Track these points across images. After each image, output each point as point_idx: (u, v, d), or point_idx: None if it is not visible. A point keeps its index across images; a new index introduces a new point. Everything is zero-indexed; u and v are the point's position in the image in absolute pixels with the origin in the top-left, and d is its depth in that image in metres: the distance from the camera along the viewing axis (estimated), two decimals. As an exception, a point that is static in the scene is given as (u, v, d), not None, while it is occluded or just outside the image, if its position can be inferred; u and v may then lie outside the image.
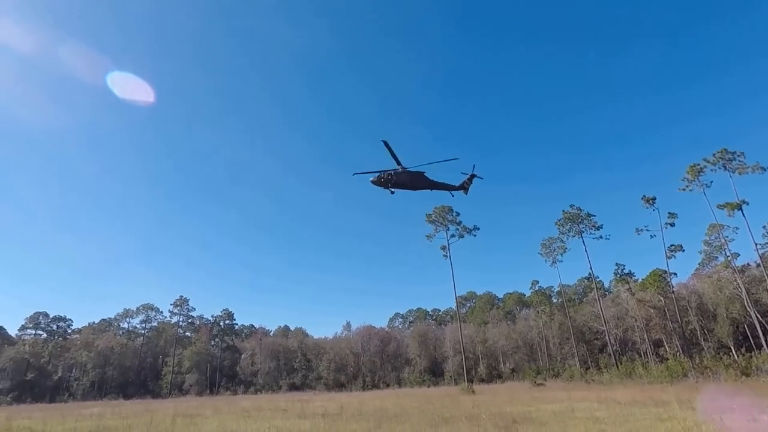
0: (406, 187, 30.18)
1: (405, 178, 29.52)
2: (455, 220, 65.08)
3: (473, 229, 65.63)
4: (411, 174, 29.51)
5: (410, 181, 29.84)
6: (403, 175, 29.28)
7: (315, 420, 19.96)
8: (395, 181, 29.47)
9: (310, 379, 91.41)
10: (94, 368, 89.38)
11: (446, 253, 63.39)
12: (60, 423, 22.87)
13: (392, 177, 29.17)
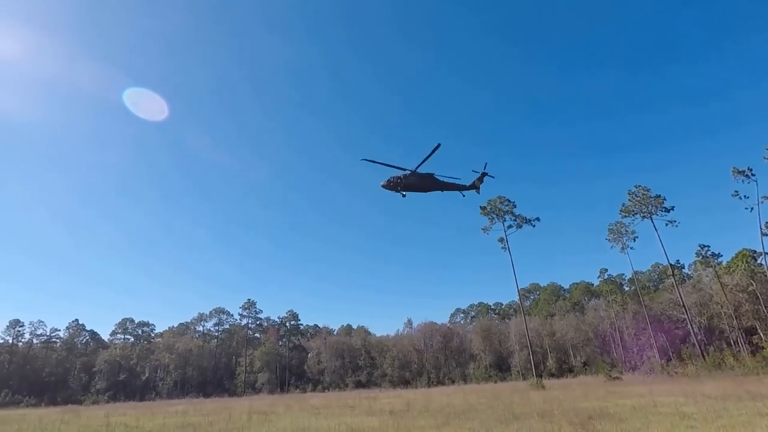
0: (417, 189, 30.03)
1: (414, 181, 29.35)
2: (511, 211, 62.22)
3: (532, 220, 62.51)
4: (420, 176, 29.30)
5: (420, 184, 29.66)
6: (412, 177, 29.12)
7: (383, 417, 20.12)
8: (405, 184, 29.31)
9: (375, 376, 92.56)
10: (176, 369, 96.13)
11: (504, 245, 61.17)
12: (150, 420, 24.74)
13: (401, 180, 29.08)
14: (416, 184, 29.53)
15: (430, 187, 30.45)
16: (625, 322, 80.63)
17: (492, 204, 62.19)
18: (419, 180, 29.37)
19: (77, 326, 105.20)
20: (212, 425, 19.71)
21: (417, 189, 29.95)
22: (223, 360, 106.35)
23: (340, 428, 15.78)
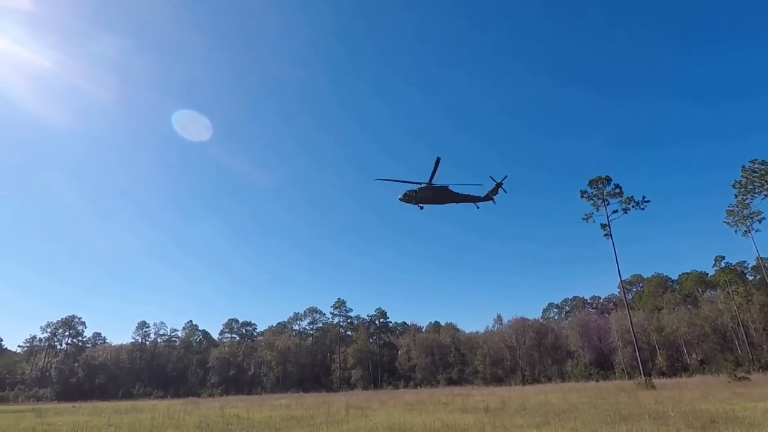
0: (432, 201, 30.65)
1: (429, 194, 30.11)
2: (617, 193, 54.95)
3: (641, 202, 54.38)
4: (435, 189, 29.91)
5: (435, 196, 30.35)
6: (428, 190, 29.86)
7: (478, 414, 19.84)
8: (420, 197, 30.22)
9: (467, 373, 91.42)
10: (277, 365, 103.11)
11: (607, 231, 55.11)
12: (258, 412, 26.85)
13: (417, 194, 29.97)
14: (430, 197, 30.33)
15: (444, 200, 31.06)
16: (750, 316, 71.12)
17: (595, 186, 55.73)
18: (433, 193, 30.16)
19: (192, 327, 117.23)
20: (313, 418, 20.87)
21: (432, 201, 30.75)
22: (319, 357, 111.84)
23: (435, 425, 15.85)
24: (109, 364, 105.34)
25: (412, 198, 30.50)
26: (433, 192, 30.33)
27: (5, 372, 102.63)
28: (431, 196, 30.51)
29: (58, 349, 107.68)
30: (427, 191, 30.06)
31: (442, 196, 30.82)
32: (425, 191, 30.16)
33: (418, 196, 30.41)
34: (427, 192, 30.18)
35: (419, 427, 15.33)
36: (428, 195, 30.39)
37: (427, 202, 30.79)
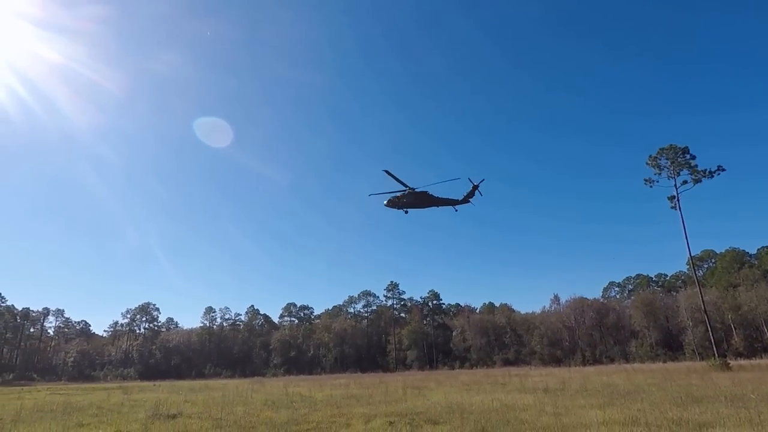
0: (414, 206, 32.78)
1: (411, 200, 32.25)
2: (689, 164, 50.73)
3: (716, 171, 50.07)
4: (416, 195, 32.03)
5: (416, 202, 32.39)
6: (410, 196, 32.01)
7: (537, 394, 19.57)
8: (403, 203, 32.34)
9: (524, 354, 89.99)
10: (335, 347, 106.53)
11: (674, 204, 51.32)
12: (319, 391, 28.03)
13: (400, 200, 32.23)
14: (413, 202, 32.47)
15: (426, 204, 33.02)
16: None
17: (665, 154, 51.43)
18: (415, 199, 32.27)
19: (253, 311, 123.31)
20: (372, 397, 21.48)
21: (415, 206, 32.89)
22: (374, 338, 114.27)
23: (493, 404, 15.83)
24: (182, 346, 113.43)
25: (396, 204, 32.66)
26: (415, 197, 32.31)
27: (95, 354, 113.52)
28: (413, 202, 32.53)
29: (137, 333, 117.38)
30: (409, 197, 32.10)
31: (423, 200, 32.71)
32: (408, 197, 32.21)
33: (401, 202, 32.52)
34: (410, 198, 32.24)
35: (477, 407, 15.37)
36: (411, 200, 32.43)
37: (410, 207, 32.86)
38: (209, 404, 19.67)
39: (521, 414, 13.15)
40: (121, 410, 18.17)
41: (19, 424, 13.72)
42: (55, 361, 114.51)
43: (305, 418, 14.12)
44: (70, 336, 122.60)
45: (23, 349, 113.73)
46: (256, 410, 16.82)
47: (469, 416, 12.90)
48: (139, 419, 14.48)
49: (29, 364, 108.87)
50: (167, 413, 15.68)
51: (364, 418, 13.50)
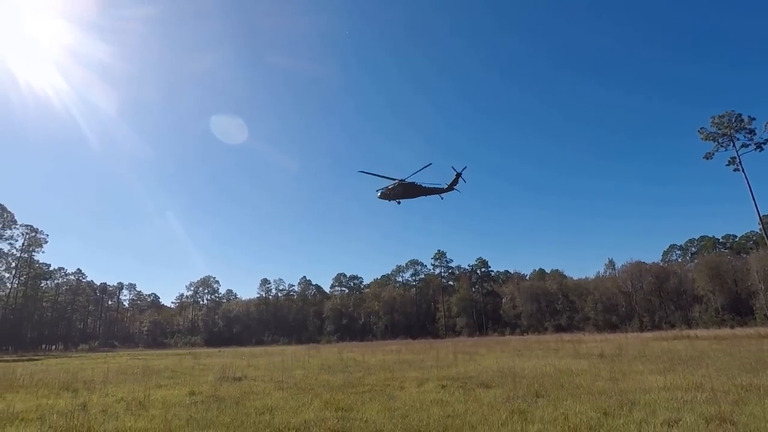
0: (404, 197, 34.43)
1: (401, 191, 33.88)
2: (746, 127, 48.60)
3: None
4: (405, 186, 33.69)
5: (405, 193, 34.11)
6: (399, 188, 33.66)
7: (592, 360, 19.23)
8: (394, 194, 34.00)
9: (576, 320, 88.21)
10: (385, 314, 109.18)
11: (737, 166, 48.59)
12: (372, 356, 29.00)
13: (391, 191, 33.92)
14: (402, 193, 34.11)
15: (415, 194, 34.56)
16: None
17: (718, 123, 49.57)
18: (405, 189, 33.90)
19: (306, 282, 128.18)
20: (423, 362, 21.98)
21: (404, 197, 34.45)
22: (423, 306, 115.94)
23: (546, 369, 15.76)
24: (242, 316, 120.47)
25: (388, 195, 34.51)
26: (404, 188, 33.99)
27: (165, 323, 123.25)
28: (402, 193, 34.24)
29: (200, 304, 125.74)
30: (399, 188, 33.92)
31: (412, 191, 34.36)
32: (398, 188, 34.00)
33: (392, 193, 34.33)
34: (399, 189, 33.97)
35: (530, 371, 15.36)
36: (400, 192, 34.16)
37: (401, 197, 34.69)
38: (270, 368, 20.92)
39: (576, 379, 13.01)
40: (193, 373, 19.73)
41: (108, 385, 15.29)
42: (131, 330, 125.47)
43: (360, 380, 14.71)
44: (143, 307, 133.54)
45: (104, 320, 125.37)
46: (314, 374, 17.72)
47: (522, 380, 12.93)
48: (208, 381, 15.69)
49: (110, 332, 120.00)
50: (233, 376, 16.88)
51: (417, 381, 13.88)
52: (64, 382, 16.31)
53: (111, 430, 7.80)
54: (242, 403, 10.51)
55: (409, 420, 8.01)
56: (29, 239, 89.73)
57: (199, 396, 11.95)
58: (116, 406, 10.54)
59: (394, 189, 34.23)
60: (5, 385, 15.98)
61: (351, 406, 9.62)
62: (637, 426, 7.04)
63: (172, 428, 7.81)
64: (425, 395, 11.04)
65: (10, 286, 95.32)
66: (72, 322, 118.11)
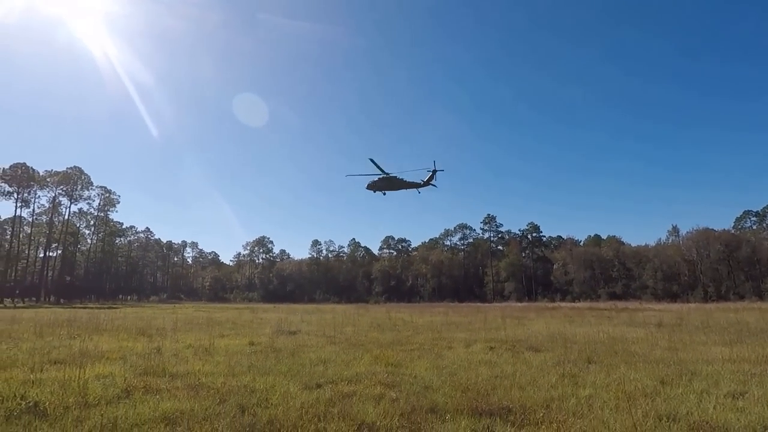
0: (387, 189, 38.26)
1: (385, 184, 37.73)
2: None
3: None
4: (389, 180, 37.40)
5: (389, 186, 37.87)
6: (384, 181, 37.43)
7: (649, 329, 18.54)
8: (379, 186, 37.89)
9: (633, 288, 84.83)
10: (432, 277, 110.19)
11: None
12: (419, 317, 29.58)
13: (376, 184, 37.79)
14: (385, 186, 37.91)
15: (397, 187, 38.14)
16: None
17: None
18: (387, 183, 37.67)
19: (355, 244, 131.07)
20: (471, 324, 22.14)
21: (388, 189, 38.35)
22: (471, 270, 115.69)
23: (599, 336, 15.39)
24: (295, 275, 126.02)
25: (373, 187, 38.13)
26: (387, 182, 37.56)
27: (225, 280, 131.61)
28: (386, 185, 37.86)
29: (256, 262, 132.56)
30: (383, 181, 37.43)
31: (395, 184, 37.99)
32: (383, 181, 37.57)
33: (377, 185, 37.93)
34: (383, 182, 37.51)
35: (581, 337, 15.07)
36: (383, 185, 37.75)
37: (386, 189, 38.38)
38: (322, 324, 21.92)
39: (631, 347, 12.62)
40: (251, 326, 21.09)
41: (177, 332, 16.72)
42: (195, 285, 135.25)
43: (408, 339, 15.10)
44: (204, 264, 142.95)
45: (171, 275, 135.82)
46: (363, 331, 18.38)
47: (573, 346, 12.73)
48: (266, 333, 16.72)
49: (176, 286, 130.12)
50: (288, 330, 17.86)
51: (465, 342, 14.03)
52: (139, 329, 18.02)
53: (182, 372, 8.55)
54: (297, 354, 11.13)
55: (457, 378, 8.16)
56: (104, 200, 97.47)
57: (258, 346, 12.79)
58: (185, 352, 11.52)
59: (379, 182, 38.02)
60: (92, 328, 17.90)
61: (400, 363, 9.92)
62: (697, 396, 6.77)
63: (235, 373, 8.45)
64: (473, 356, 11.17)
65: (90, 242, 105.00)
66: (143, 276, 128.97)
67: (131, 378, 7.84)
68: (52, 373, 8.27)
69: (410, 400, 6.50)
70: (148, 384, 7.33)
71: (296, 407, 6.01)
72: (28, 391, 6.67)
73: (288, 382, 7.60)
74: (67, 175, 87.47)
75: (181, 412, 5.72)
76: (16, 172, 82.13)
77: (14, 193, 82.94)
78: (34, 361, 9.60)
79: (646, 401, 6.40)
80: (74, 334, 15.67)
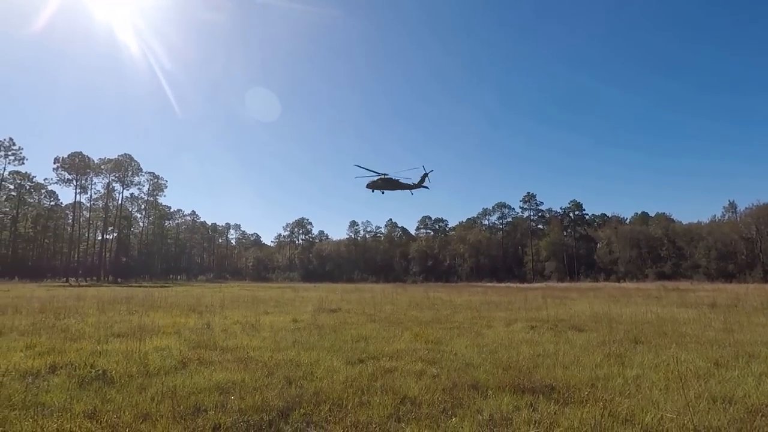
0: (385, 188, 42.25)
1: (383, 184, 41.72)
2: None
3: None
4: (386, 180, 41.48)
5: (386, 186, 41.92)
6: (381, 182, 41.49)
7: (701, 309, 17.72)
8: (378, 186, 41.83)
9: (684, 268, 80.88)
10: (470, 257, 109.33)
11: None
12: (457, 297, 29.57)
13: (375, 183, 41.76)
14: (384, 186, 41.93)
15: (394, 187, 42.35)
16: None
17: None
18: (384, 183, 41.71)
19: (392, 224, 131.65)
20: (511, 304, 21.92)
21: (386, 188, 42.33)
22: (510, 250, 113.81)
23: (646, 316, 14.88)
24: (333, 255, 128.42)
25: (372, 186, 42.00)
26: (384, 182, 41.50)
27: (266, 260, 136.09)
28: (384, 185, 41.81)
29: (296, 243, 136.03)
30: (381, 182, 41.57)
31: (392, 185, 41.93)
32: (380, 182, 41.53)
33: (376, 185, 41.77)
34: (382, 183, 41.51)
35: (627, 318, 14.63)
36: (381, 185, 41.67)
37: (384, 189, 42.34)
38: (361, 303, 22.35)
39: (682, 327, 12.13)
40: (293, 304, 21.79)
41: (225, 310, 17.55)
42: (239, 265, 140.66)
43: (448, 318, 15.16)
44: (247, 245, 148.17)
45: (216, 255, 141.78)
46: (402, 309, 18.61)
47: (618, 326, 12.38)
48: (308, 311, 17.25)
49: (222, 266, 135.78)
50: (329, 308, 18.35)
51: (505, 321, 13.94)
52: (190, 306, 19.04)
53: (232, 346, 9.00)
54: (339, 331, 11.44)
55: (498, 356, 8.15)
56: (153, 185, 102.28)
57: (301, 323, 13.23)
58: (233, 327, 12.10)
59: (378, 181, 41.85)
60: (148, 305, 19.09)
61: (440, 340, 10.01)
62: (755, 378, 6.46)
63: (281, 348, 8.80)
64: (514, 334, 11.09)
65: (142, 225, 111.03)
66: (191, 257, 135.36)
67: (186, 351, 8.34)
68: (115, 345, 8.94)
69: (451, 376, 6.58)
70: (202, 356, 7.79)
71: (340, 380, 6.22)
72: (96, 360, 7.24)
73: (331, 357, 7.86)
74: (119, 162, 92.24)
75: (233, 382, 6.06)
76: (74, 161, 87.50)
77: (73, 181, 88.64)
78: (99, 334, 10.39)
79: (699, 383, 6.18)
80: (132, 310, 16.78)
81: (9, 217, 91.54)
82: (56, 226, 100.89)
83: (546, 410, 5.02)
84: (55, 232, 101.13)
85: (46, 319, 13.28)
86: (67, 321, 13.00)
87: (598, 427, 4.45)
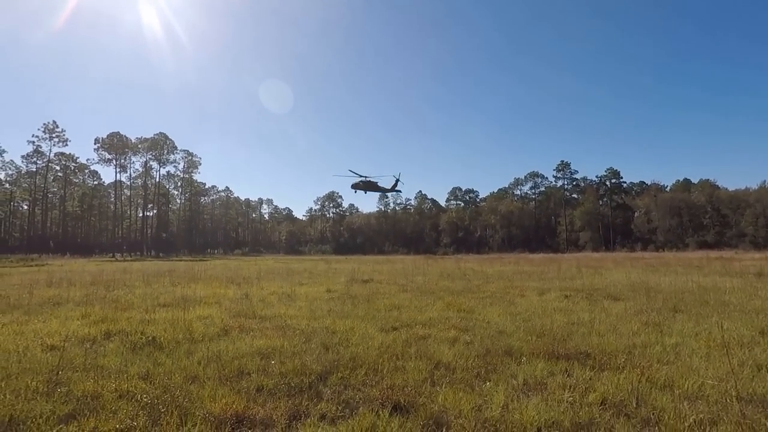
0: (367, 190, 52.36)
1: (364, 186, 50.99)
2: None
3: None
4: (367, 183, 50.81)
5: (367, 188, 51.65)
6: (363, 184, 50.68)
7: (747, 278, 17.00)
8: (360, 187, 50.98)
9: (728, 236, 77.42)
10: (502, 228, 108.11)
11: None
12: (489, 267, 29.40)
13: (358, 185, 50.63)
14: (365, 187, 51.02)
15: (373, 190, 53.54)
16: None
17: None
18: (366, 185, 51.02)
19: (421, 196, 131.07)
20: (544, 274, 21.66)
21: (367, 190, 52.47)
22: (543, 220, 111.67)
23: (687, 285, 14.41)
24: (364, 227, 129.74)
25: (356, 187, 50.76)
26: (365, 185, 50.51)
27: (299, 233, 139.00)
28: (365, 188, 50.96)
29: (327, 217, 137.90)
30: (363, 184, 50.33)
31: (372, 187, 51.55)
32: (362, 184, 50.42)
33: (359, 186, 50.46)
34: (363, 185, 50.27)
35: (666, 287, 14.22)
36: (364, 187, 50.58)
37: (366, 190, 52.08)
38: (393, 274, 22.61)
39: (725, 296, 11.70)
40: (327, 275, 22.29)
41: (261, 281, 18.17)
42: (272, 239, 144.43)
43: (479, 288, 15.16)
44: (280, 220, 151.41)
45: (251, 230, 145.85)
46: (434, 280, 18.72)
47: (657, 295, 12.06)
48: (341, 282, 17.63)
49: (256, 240, 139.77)
50: (361, 279, 18.67)
51: (538, 291, 13.82)
52: (228, 278, 19.80)
53: (270, 314, 9.36)
54: (372, 300, 11.67)
55: (531, 324, 8.14)
56: (188, 162, 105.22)
57: (334, 293, 13.56)
58: (270, 297, 12.54)
59: (360, 183, 49.71)
60: (189, 278, 19.98)
61: (472, 309, 10.06)
62: (805, 347, 6.21)
63: (316, 317, 9.09)
64: (547, 303, 11.02)
65: (179, 202, 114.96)
66: (227, 231, 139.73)
67: (227, 319, 8.74)
68: (162, 314, 9.46)
69: (484, 343, 6.64)
70: (242, 324, 8.15)
71: (375, 347, 6.39)
72: (146, 328, 7.70)
73: (365, 325, 8.06)
74: (155, 141, 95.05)
75: (273, 348, 6.33)
76: (113, 141, 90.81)
77: (113, 160, 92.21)
78: (146, 304, 11.01)
79: (743, 351, 6.01)
80: (175, 282, 17.62)
81: (58, 197, 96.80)
82: (100, 204, 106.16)
83: (581, 376, 5.03)
84: (99, 210, 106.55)
85: (98, 291, 14.16)
86: (117, 292, 13.83)
87: (635, 392, 4.43)
